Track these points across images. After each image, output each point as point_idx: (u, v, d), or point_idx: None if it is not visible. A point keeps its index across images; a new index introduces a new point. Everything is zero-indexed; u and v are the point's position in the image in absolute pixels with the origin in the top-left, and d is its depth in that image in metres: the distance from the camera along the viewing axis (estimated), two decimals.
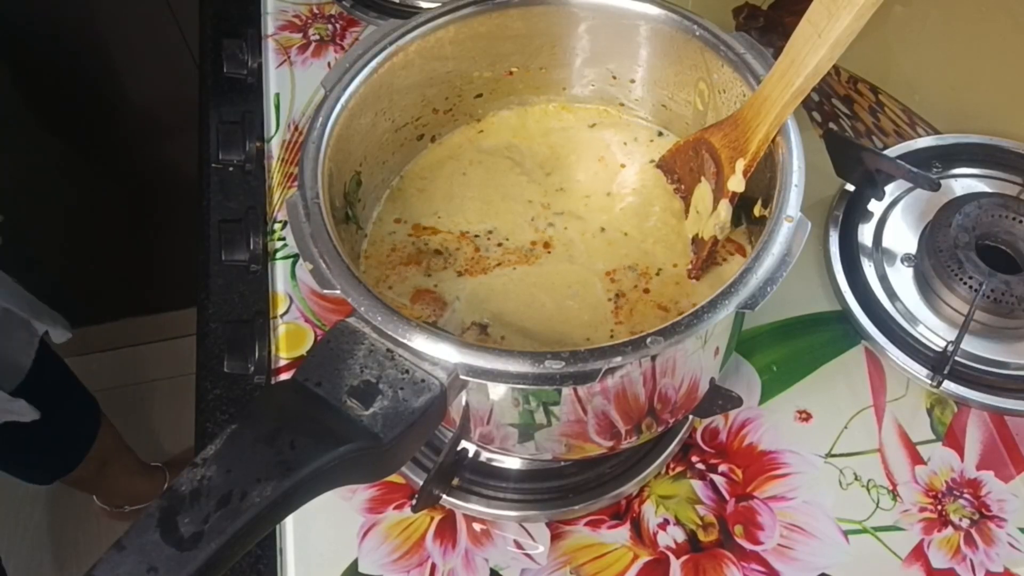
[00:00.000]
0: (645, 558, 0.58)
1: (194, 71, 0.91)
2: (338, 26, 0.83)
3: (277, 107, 0.78)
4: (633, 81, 0.61)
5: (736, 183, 0.53)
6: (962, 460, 0.61)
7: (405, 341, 0.43)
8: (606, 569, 0.57)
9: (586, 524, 0.59)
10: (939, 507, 0.60)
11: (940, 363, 0.63)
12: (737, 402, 0.56)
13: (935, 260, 0.66)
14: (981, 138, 0.76)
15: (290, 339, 0.66)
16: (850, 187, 0.72)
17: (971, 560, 0.58)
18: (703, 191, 0.57)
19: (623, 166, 0.62)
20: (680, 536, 0.58)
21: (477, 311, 0.55)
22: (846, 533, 0.59)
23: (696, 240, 0.57)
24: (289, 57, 0.81)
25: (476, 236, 0.59)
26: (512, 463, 0.60)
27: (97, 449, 1.32)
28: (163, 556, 0.37)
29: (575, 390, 0.47)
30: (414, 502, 0.57)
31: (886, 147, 0.76)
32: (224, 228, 0.75)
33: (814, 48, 0.49)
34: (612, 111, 0.64)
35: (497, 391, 0.48)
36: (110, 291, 1.64)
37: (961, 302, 0.65)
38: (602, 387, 0.47)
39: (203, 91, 0.86)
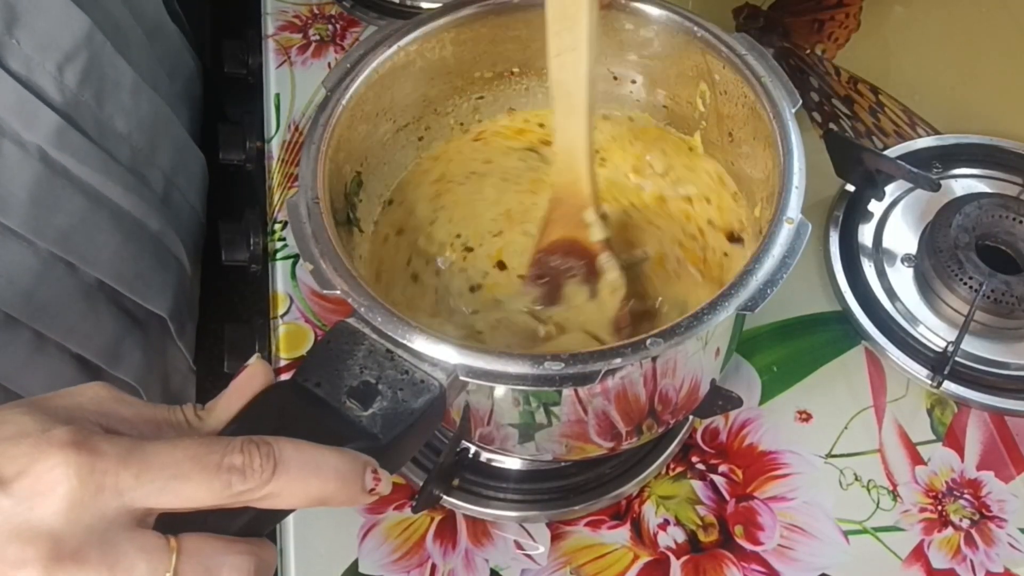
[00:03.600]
0: (645, 559, 0.58)
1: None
2: (338, 26, 0.83)
3: (277, 107, 0.78)
4: (634, 82, 0.61)
5: (597, 232, 0.54)
6: (962, 460, 0.61)
7: (405, 342, 0.43)
8: (606, 569, 0.57)
9: (586, 524, 0.59)
10: (939, 507, 0.60)
11: (940, 363, 0.63)
12: (737, 403, 0.56)
13: (935, 260, 0.66)
14: (981, 138, 0.75)
15: (290, 339, 0.66)
16: (850, 187, 0.72)
17: (971, 560, 0.58)
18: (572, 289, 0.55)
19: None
20: (680, 536, 0.58)
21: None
22: (846, 533, 0.59)
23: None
24: (289, 57, 0.81)
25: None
26: (512, 464, 0.60)
27: None
28: None
29: (575, 391, 0.47)
30: (414, 503, 0.57)
31: (886, 147, 0.76)
32: (224, 228, 0.75)
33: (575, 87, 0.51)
34: (613, 112, 0.64)
35: (497, 392, 0.48)
36: None
37: (961, 302, 0.65)
38: (602, 388, 0.47)
39: (203, 91, 0.86)
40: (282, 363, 0.65)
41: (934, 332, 0.65)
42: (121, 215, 0.67)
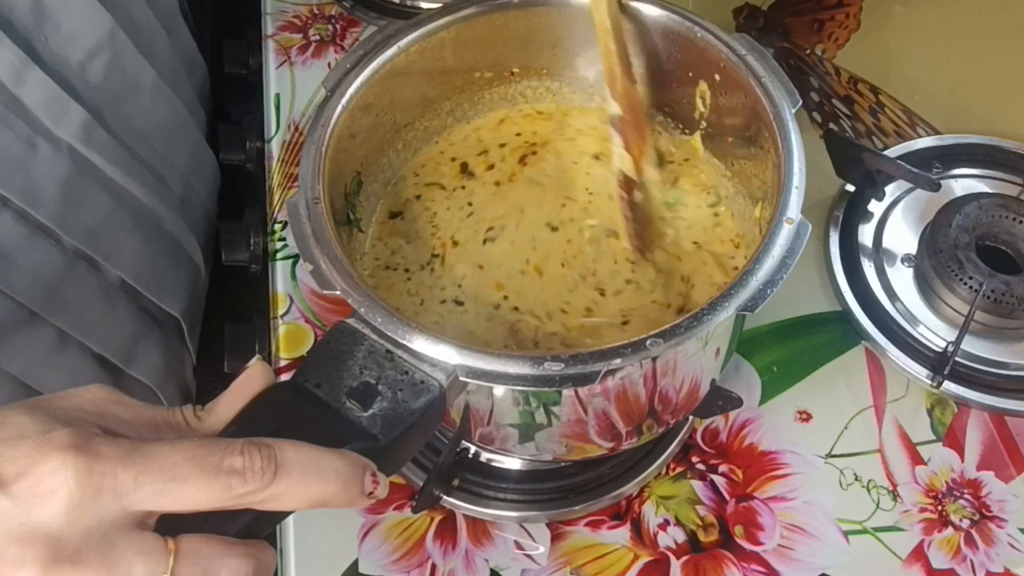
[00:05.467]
0: (645, 559, 0.58)
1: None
2: (338, 26, 0.83)
3: (277, 107, 0.78)
4: (634, 82, 0.61)
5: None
6: (962, 460, 0.61)
7: (405, 342, 0.43)
8: (606, 570, 0.57)
9: (586, 524, 0.59)
10: (939, 507, 0.60)
11: (940, 363, 0.63)
12: (737, 403, 0.56)
13: (935, 260, 0.66)
14: (981, 138, 0.75)
15: (290, 339, 0.66)
16: (850, 187, 0.72)
17: (971, 560, 0.58)
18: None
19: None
20: (680, 537, 0.58)
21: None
22: (846, 533, 0.59)
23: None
24: (289, 57, 0.81)
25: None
26: (512, 464, 0.60)
27: None
28: None
29: (575, 391, 0.47)
30: (414, 503, 0.57)
31: (886, 147, 0.76)
32: (224, 228, 0.75)
33: None
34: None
35: (497, 392, 0.48)
36: None
37: (961, 302, 0.65)
38: (602, 388, 0.47)
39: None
40: (282, 363, 0.65)
41: (934, 332, 0.65)
42: (142, 215, 0.67)
